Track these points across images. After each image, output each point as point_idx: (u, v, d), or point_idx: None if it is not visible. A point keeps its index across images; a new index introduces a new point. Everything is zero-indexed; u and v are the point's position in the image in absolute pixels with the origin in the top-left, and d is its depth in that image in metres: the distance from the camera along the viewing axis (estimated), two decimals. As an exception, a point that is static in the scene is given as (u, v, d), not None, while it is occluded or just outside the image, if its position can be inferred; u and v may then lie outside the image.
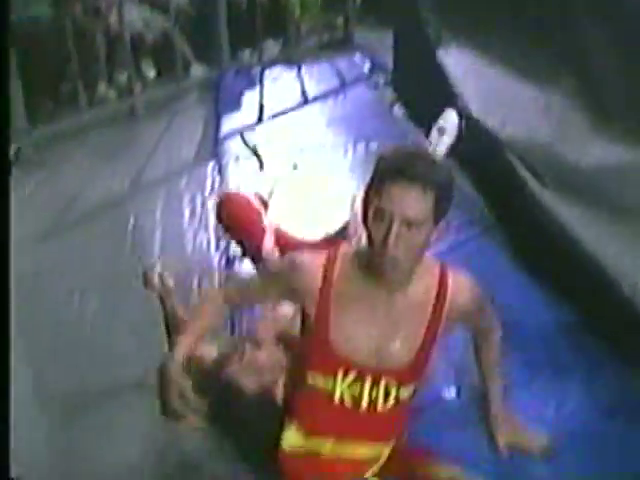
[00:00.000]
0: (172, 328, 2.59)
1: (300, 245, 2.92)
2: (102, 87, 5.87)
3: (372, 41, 6.47)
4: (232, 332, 2.85)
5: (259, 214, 3.16)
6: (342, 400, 1.91)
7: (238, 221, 3.14)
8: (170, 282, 2.68)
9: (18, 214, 3.88)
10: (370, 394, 1.90)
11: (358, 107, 5.29)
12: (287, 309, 2.53)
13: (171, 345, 2.50)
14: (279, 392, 2.21)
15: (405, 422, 2.05)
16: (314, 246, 2.85)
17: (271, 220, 3.18)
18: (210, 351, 2.37)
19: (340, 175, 4.07)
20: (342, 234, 3.05)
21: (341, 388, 1.90)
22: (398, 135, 4.39)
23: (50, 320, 3.11)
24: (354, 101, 5.45)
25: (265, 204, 3.30)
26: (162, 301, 2.66)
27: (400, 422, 2.04)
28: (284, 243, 3.03)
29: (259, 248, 3.00)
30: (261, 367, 2.24)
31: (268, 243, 3.01)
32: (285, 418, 2.03)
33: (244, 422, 2.22)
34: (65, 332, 2.99)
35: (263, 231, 3.05)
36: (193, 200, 4.07)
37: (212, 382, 2.23)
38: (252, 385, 2.21)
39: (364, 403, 1.91)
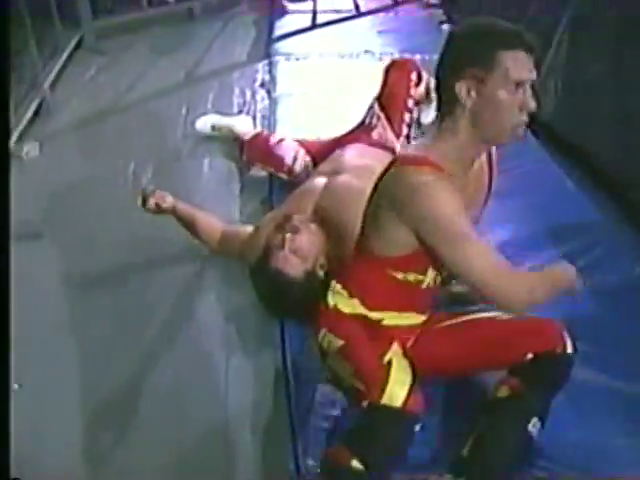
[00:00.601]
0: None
1: (327, 144, 3.06)
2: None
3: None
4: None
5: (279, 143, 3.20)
6: (407, 280, 1.94)
7: (261, 149, 3.23)
8: (168, 201, 2.73)
9: (79, 93, 4.19)
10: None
11: (408, 23, 5.43)
12: (319, 181, 2.70)
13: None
14: (320, 271, 2.33)
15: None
16: (339, 140, 3.02)
17: (293, 139, 3.24)
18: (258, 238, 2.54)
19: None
20: (362, 127, 3.09)
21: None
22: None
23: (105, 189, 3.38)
24: (405, 17, 5.59)
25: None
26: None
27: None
28: (313, 149, 3.12)
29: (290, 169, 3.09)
30: (303, 252, 2.32)
31: (294, 159, 3.10)
32: (334, 285, 2.07)
33: (294, 305, 2.32)
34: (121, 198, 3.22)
35: (287, 151, 3.12)
36: (243, 93, 4.24)
37: (264, 270, 2.35)
38: (296, 271, 2.30)
39: (429, 281, 1.96)
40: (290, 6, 5.85)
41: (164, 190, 2.75)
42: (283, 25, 5.33)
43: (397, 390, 1.83)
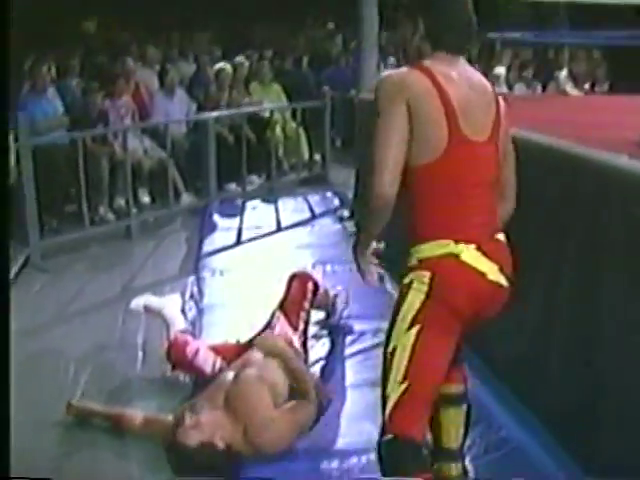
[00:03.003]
0: None
1: (241, 346, 3.62)
2: (102, 209, 6.74)
3: (346, 177, 7.42)
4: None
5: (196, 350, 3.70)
6: None
7: (181, 360, 3.69)
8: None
9: (24, 307, 4.65)
10: None
11: (324, 236, 6.15)
12: (229, 374, 3.24)
13: None
14: (219, 443, 2.86)
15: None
16: (250, 343, 3.60)
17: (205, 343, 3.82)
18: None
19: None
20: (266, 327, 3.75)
21: None
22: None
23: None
24: (321, 230, 6.33)
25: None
26: None
27: None
28: (228, 352, 3.63)
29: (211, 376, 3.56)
30: (200, 426, 2.86)
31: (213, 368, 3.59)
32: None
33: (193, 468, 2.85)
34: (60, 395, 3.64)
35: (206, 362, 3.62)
36: (173, 305, 4.78)
37: (170, 442, 2.93)
38: (192, 440, 2.83)
39: None
40: (219, 223, 6.56)
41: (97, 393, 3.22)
42: (212, 241, 6.00)
43: None
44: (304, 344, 3.76)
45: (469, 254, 2.22)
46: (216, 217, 6.72)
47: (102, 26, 12.22)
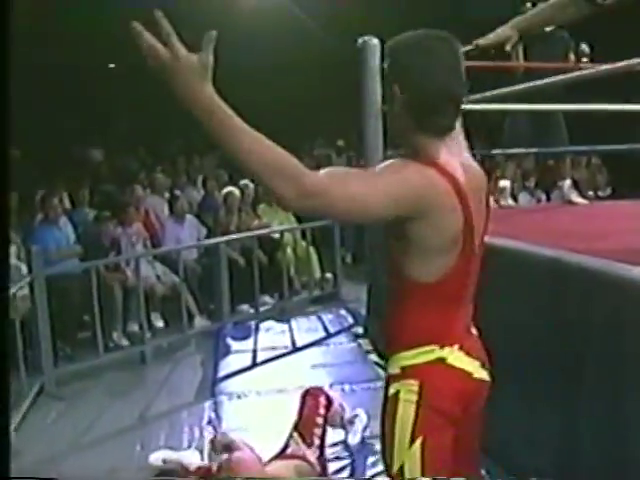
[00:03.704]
0: None
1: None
2: (116, 335, 6.75)
3: (358, 293, 7.44)
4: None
5: None
6: None
7: None
8: None
9: (41, 436, 4.61)
10: None
11: (339, 354, 6.13)
12: None
13: None
14: None
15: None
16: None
17: None
18: None
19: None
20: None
21: None
22: (372, 378, 5.20)
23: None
24: (336, 349, 6.32)
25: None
26: None
27: None
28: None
29: None
30: None
31: None
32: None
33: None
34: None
35: None
36: (192, 431, 4.71)
37: None
38: None
39: None
40: (233, 345, 6.56)
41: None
42: (228, 364, 5.99)
43: None
44: (320, 458, 3.74)
45: (454, 356, 2.14)
46: (230, 340, 6.72)
47: (108, 154, 12.53)
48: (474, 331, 2.30)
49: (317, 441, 3.78)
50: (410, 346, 2.13)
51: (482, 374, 2.22)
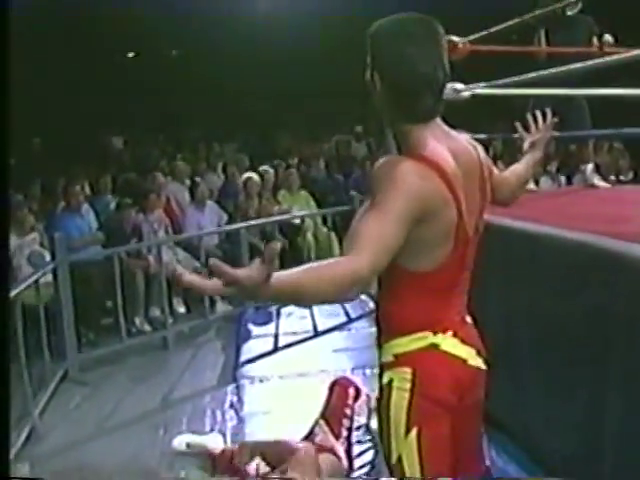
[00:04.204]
0: None
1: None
2: (138, 320, 6.79)
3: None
4: None
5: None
6: None
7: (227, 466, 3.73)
8: None
9: (65, 421, 4.64)
10: None
11: (361, 338, 6.13)
12: None
13: None
14: None
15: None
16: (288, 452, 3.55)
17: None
18: None
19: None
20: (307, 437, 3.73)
21: None
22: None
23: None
24: (358, 333, 6.32)
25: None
26: None
27: None
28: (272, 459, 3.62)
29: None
30: None
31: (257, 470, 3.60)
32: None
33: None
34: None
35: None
36: (214, 414, 4.74)
37: None
38: None
39: None
40: (255, 330, 6.57)
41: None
42: (249, 348, 6.01)
43: None
44: (347, 451, 3.73)
45: (448, 342, 2.11)
46: (252, 324, 6.74)
47: (129, 142, 12.58)
48: (469, 319, 2.27)
49: (345, 432, 3.76)
50: (403, 333, 2.11)
51: (477, 362, 2.20)
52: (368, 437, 4.14)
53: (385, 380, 2.13)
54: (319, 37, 14.17)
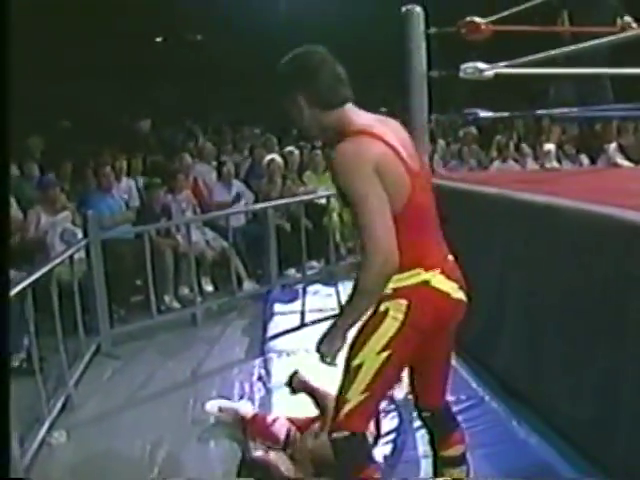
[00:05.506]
0: None
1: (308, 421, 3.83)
2: (168, 298, 6.94)
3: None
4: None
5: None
6: None
7: (259, 430, 3.92)
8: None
9: (98, 393, 4.79)
10: None
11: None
12: None
13: None
14: None
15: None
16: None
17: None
18: None
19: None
20: None
21: None
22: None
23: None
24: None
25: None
26: None
27: None
28: (303, 425, 3.85)
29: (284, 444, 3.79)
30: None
31: (287, 436, 3.80)
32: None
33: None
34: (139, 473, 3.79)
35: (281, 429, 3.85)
36: (242, 386, 4.87)
37: None
38: None
39: None
40: (281, 307, 6.69)
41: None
42: (276, 325, 6.15)
43: None
44: (376, 419, 3.83)
45: (437, 279, 2.52)
46: (278, 302, 6.85)
47: (155, 125, 12.70)
48: (451, 257, 2.66)
49: None
50: (401, 270, 2.43)
51: (459, 294, 2.61)
52: (392, 406, 4.28)
53: (382, 309, 2.51)
54: (351, 16, 14.22)
